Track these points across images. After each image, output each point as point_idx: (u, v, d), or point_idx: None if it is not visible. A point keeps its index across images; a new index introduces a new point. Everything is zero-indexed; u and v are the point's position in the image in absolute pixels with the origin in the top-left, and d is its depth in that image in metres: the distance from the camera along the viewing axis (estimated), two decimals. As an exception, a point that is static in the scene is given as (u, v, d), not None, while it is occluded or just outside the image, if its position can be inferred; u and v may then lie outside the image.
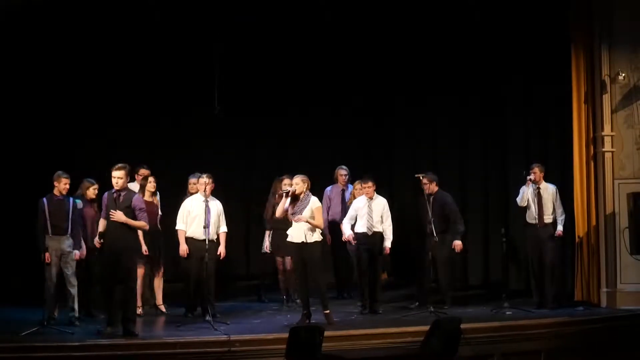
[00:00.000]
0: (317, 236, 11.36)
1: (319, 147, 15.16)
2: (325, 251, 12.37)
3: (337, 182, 13.70)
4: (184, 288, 12.04)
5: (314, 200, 11.41)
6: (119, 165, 10.77)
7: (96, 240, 11.23)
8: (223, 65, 13.62)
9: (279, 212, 11.49)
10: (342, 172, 13.69)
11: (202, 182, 11.86)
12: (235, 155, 15.05)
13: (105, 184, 11.12)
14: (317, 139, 15.21)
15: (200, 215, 11.71)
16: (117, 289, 10.62)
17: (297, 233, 11.31)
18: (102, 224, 10.91)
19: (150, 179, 12.28)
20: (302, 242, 11.26)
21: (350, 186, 13.40)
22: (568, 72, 12.87)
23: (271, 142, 15.16)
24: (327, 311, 11.36)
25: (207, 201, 11.76)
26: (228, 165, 14.62)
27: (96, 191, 11.98)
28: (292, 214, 11.35)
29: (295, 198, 11.33)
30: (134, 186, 12.46)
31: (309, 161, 14.42)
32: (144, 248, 11.79)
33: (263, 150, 15.07)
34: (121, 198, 10.75)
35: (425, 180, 12.53)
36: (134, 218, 10.74)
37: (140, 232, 11.32)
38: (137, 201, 10.84)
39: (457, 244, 12.68)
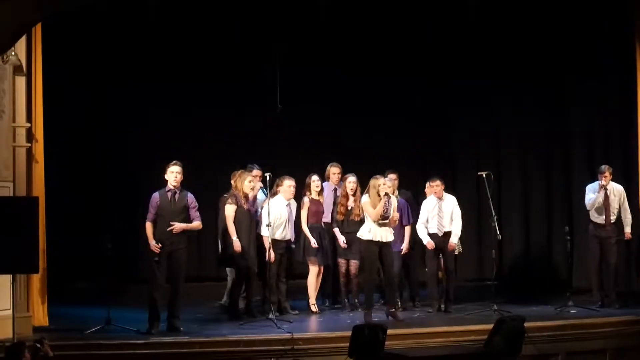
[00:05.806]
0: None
1: (378, 147, 15.07)
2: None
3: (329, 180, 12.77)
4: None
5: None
6: (175, 161, 10.62)
7: (154, 245, 10.48)
8: (284, 64, 13.63)
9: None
10: (335, 169, 12.76)
11: (289, 185, 11.94)
12: (294, 155, 14.92)
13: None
14: (376, 140, 15.13)
15: (284, 219, 11.81)
16: (163, 288, 10.61)
17: (385, 233, 11.32)
18: (150, 229, 10.55)
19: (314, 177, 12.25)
20: (390, 241, 11.36)
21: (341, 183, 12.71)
22: (633, 67, 12.70)
23: (330, 143, 14.99)
24: (393, 309, 11.40)
25: (290, 205, 11.95)
26: (288, 165, 14.59)
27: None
28: (390, 214, 11.36)
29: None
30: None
31: (367, 162, 14.35)
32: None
33: (322, 152, 14.89)
34: (177, 197, 10.59)
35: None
36: (189, 217, 10.60)
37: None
38: (192, 199, 10.68)
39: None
